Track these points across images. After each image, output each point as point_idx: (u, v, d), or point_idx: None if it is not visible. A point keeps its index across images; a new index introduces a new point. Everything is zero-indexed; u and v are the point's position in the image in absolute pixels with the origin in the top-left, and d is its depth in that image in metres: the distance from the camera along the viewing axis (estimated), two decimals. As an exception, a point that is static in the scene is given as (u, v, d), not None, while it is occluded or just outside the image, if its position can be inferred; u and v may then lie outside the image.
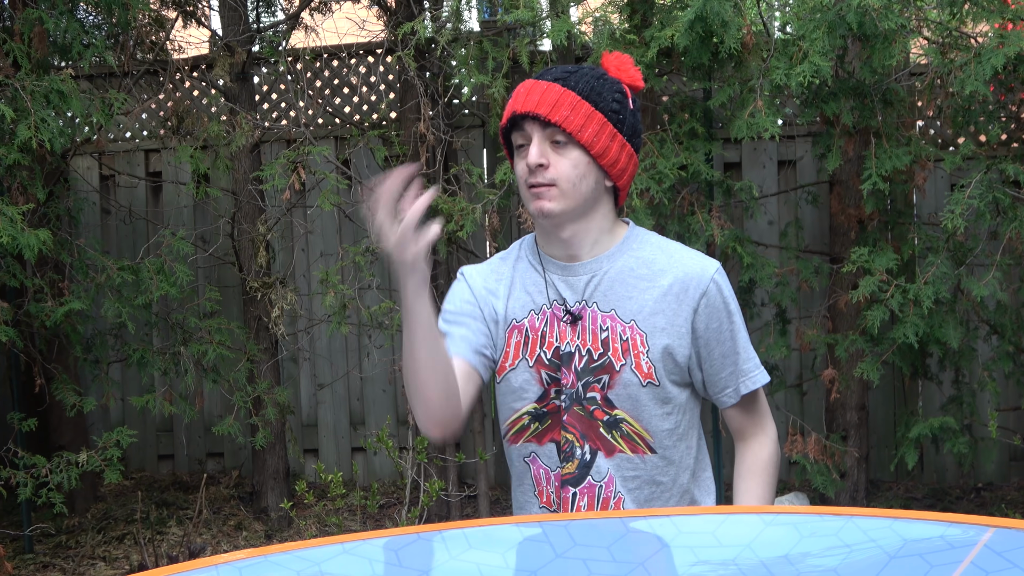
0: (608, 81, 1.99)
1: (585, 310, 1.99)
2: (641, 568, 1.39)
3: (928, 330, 4.29)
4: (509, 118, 1.96)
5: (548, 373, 2.01)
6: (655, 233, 2.09)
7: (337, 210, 5.34)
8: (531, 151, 1.93)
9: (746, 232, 5.20)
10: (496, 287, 2.07)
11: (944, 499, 5.28)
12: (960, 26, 4.27)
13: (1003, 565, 1.30)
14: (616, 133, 1.96)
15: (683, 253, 2.03)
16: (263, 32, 5.43)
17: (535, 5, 4.38)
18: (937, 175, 5.18)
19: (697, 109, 4.70)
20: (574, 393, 1.99)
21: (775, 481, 2.10)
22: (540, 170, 1.93)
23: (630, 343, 1.97)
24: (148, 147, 5.96)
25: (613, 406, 1.98)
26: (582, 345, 1.99)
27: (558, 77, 1.96)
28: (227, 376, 5.13)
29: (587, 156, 1.94)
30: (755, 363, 2.05)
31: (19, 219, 4.19)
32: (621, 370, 1.97)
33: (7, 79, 4.33)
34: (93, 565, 5.00)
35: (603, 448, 1.99)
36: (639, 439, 1.99)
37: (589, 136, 1.93)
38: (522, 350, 2.02)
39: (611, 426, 1.99)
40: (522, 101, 1.95)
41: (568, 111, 1.92)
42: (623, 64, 2.04)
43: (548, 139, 1.93)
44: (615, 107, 1.97)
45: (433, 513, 5.04)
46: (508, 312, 2.04)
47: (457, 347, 2.01)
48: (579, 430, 2.00)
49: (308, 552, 1.48)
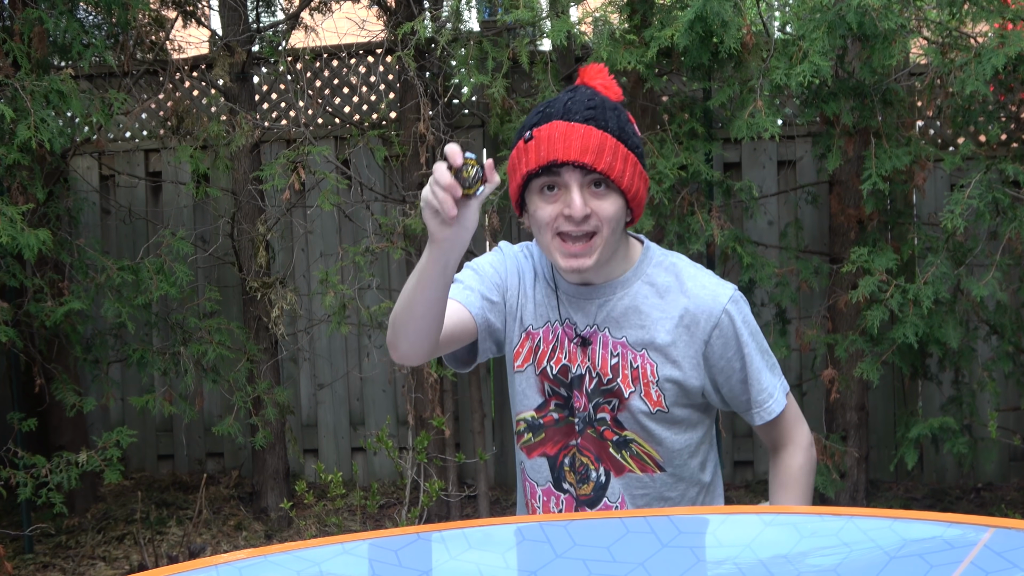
0: (622, 111, 1.92)
1: (596, 334, 1.97)
2: (641, 568, 1.39)
3: (928, 330, 4.29)
4: (546, 164, 1.85)
5: (551, 386, 2.01)
6: (670, 252, 2.03)
7: (337, 210, 5.33)
8: (575, 201, 1.84)
9: (746, 232, 5.20)
10: (520, 281, 2.05)
11: (944, 499, 5.28)
12: (960, 26, 4.27)
13: (1003, 565, 1.30)
14: (642, 170, 1.91)
15: (697, 280, 1.97)
16: (263, 32, 5.43)
17: (535, 5, 4.38)
18: (937, 175, 5.18)
19: (697, 109, 4.70)
20: (587, 416, 1.99)
21: (810, 486, 2.07)
22: (584, 219, 1.85)
23: (640, 371, 1.95)
24: (148, 147, 5.95)
25: (623, 427, 1.98)
26: (592, 368, 1.97)
27: (588, 117, 1.87)
28: (227, 376, 5.13)
29: (623, 199, 1.88)
30: (769, 392, 2.00)
31: (19, 219, 4.19)
32: (630, 397, 1.96)
33: (7, 79, 4.33)
34: (93, 565, 5.00)
35: (613, 468, 2.00)
36: (648, 459, 1.99)
37: (628, 180, 1.87)
38: (532, 356, 2.02)
39: (621, 446, 1.98)
40: (561, 147, 1.84)
41: (611, 157, 1.85)
42: (607, 79, 1.97)
43: (587, 185, 1.85)
44: (636, 140, 1.91)
45: (433, 513, 5.04)
46: (523, 316, 2.03)
47: (466, 297, 1.99)
48: (593, 452, 2.00)
49: (308, 552, 1.48)
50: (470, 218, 1.71)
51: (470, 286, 2.02)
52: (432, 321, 1.86)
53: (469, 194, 1.68)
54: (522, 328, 2.03)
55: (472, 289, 2.01)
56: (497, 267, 2.06)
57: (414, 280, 1.82)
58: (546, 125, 1.87)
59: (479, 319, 2.00)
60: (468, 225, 1.72)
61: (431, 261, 1.76)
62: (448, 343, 1.96)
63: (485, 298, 2.01)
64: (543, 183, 1.87)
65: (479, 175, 1.67)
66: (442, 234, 1.71)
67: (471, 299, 2.00)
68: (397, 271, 5.64)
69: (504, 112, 4.64)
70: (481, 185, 1.68)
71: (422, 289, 1.80)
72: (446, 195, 1.65)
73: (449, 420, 5.11)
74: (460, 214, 1.69)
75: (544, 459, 2.04)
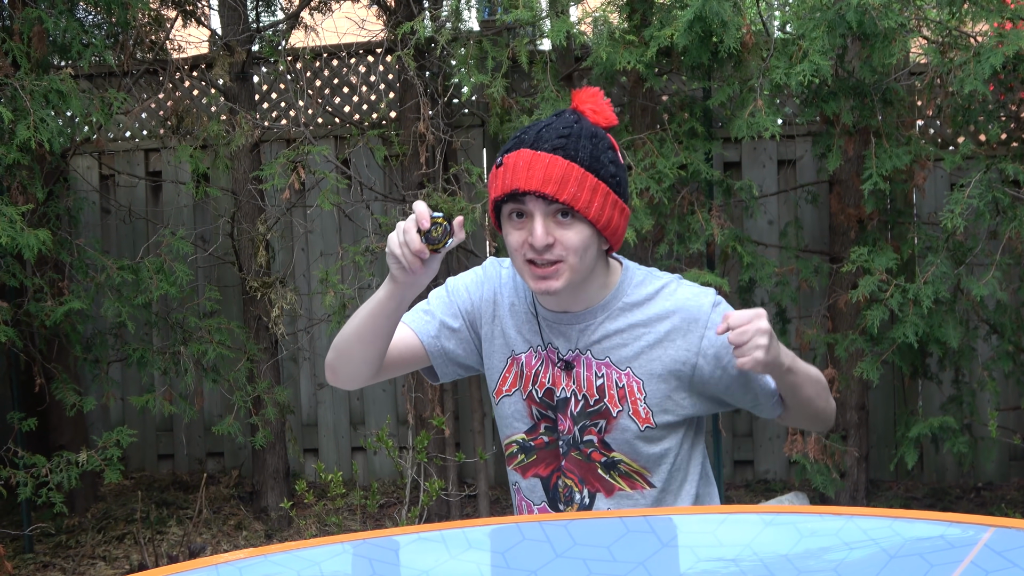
0: (600, 139, 1.88)
1: (579, 357, 1.96)
2: (641, 568, 1.39)
3: (928, 330, 4.29)
4: (509, 192, 1.84)
5: (538, 409, 2.01)
6: (649, 270, 2.01)
7: (337, 210, 5.33)
8: (536, 231, 1.83)
9: (746, 231, 5.20)
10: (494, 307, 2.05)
11: (944, 499, 5.28)
12: (959, 25, 4.27)
13: (1003, 564, 1.30)
14: (616, 200, 1.87)
15: (678, 293, 1.95)
16: (263, 31, 5.43)
17: (534, 5, 4.38)
18: (937, 174, 5.18)
19: (697, 108, 4.70)
20: (571, 439, 1.98)
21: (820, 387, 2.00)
22: (546, 248, 1.84)
23: (626, 390, 1.94)
24: (148, 147, 5.95)
25: (610, 448, 1.96)
26: (577, 391, 1.96)
27: (557, 146, 1.83)
28: (227, 376, 5.13)
29: (592, 229, 1.85)
30: (769, 393, 1.98)
31: (19, 219, 4.19)
32: (618, 416, 1.94)
33: (6, 79, 4.33)
34: (93, 565, 5.00)
35: (602, 489, 1.99)
36: (638, 476, 1.98)
37: (596, 211, 1.84)
38: (518, 380, 2.02)
39: (609, 467, 1.98)
40: (524, 177, 1.82)
41: (575, 188, 1.82)
42: (598, 103, 1.91)
43: (552, 215, 1.84)
44: (612, 170, 1.87)
45: (433, 513, 5.04)
46: (506, 341, 2.03)
47: (421, 324, 2.05)
48: (577, 475, 1.99)
49: (308, 552, 1.48)
50: (432, 267, 1.84)
51: (431, 311, 2.06)
52: (376, 350, 1.95)
53: (438, 250, 1.80)
54: (507, 353, 2.02)
55: (431, 315, 2.06)
56: (472, 291, 2.06)
57: (366, 309, 1.91)
58: (514, 152, 1.86)
59: (430, 346, 2.05)
60: (429, 273, 1.85)
61: (388, 296, 1.88)
62: (392, 367, 2.02)
63: (444, 325, 2.05)
64: (511, 210, 1.87)
65: (447, 230, 1.79)
66: (403, 278, 1.84)
67: (426, 327, 2.05)
68: (397, 271, 5.63)
69: (504, 112, 4.64)
70: (449, 238, 1.80)
71: (373, 318, 1.91)
72: (413, 258, 1.80)
73: (449, 419, 5.11)
74: (424, 265, 1.82)
75: (538, 480, 2.03)
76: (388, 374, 2.04)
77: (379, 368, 1.99)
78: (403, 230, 1.79)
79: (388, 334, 1.94)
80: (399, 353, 2.01)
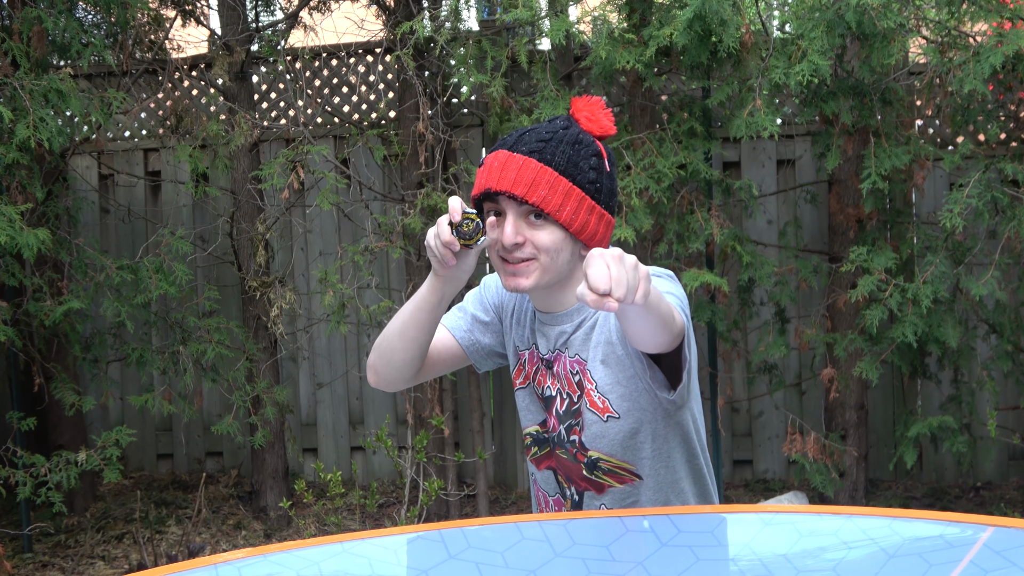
0: (584, 146, 1.89)
1: (559, 356, 1.99)
2: (641, 568, 1.39)
3: (927, 329, 4.29)
4: (483, 191, 1.88)
5: (542, 404, 2.06)
6: None
7: (336, 209, 5.33)
8: (506, 230, 1.86)
9: (745, 231, 5.20)
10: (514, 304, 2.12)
11: (943, 498, 5.28)
12: (959, 25, 4.27)
13: (1002, 564, 1.30)
14: (594, 206, 1.88)
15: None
16: (262, 31, 5.42)
17: (534, 4, 4.38)
18: (936, 174, 5.18)
19: (696, 108, 4.70)
20: (556, 437, 2.01)
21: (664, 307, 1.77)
22: (516, 247, 1.87)
23: (584, 380, 1.95)
24: (147, 146, 5.95)
25: (587, 448, 1.97)
26: (562, 389, 2.00)
27: (533, 149, 1.86)
28: (226, 375, 5.13)
29: (564, 232, 1.87)
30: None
31: (18, 218, 4.19)
32: (583, 411, 1.95)
33: (6, 78, 4.32)
34: (92, 564, 5.00)
35: (593, 488, 2.00)
36: (623, 471, 1.97)
37: (568, 215, 1.85)
38: (531, 376, 2.07)
39: (591, 468, 1.98)
40: (496, 177, 1.86)
41: (546, 191, 1.84)
42: (594, 112, 1.93)
43: (524, 215, 1.87)
44: (592, 176, 1.88)
45: (432, 512, 5.04)
46: (514, 338, 2.09)
47: (454, 320, 2.12)
48: (564, 473, 2.03)
49: (307, 551, 1.48)
50: (468, 263, 1.89)
51: (464, 307, 2.14)
52: (418, 347, 1.99)
53: (469, 245, 1.84)
54: (516, 348, 2.09)
55: (464, 311, 2.13)
56: (499, 286, 2.13)
57: (409, 306, 1.96)
58: (494, 153, 1.91)
59: (463, 340, 2.11)
60: (466, 268, 1.89)
61: (429, 290, 1.93)
62: (432, 366, 2.08)
63: (476, 319, 2.12)
64: (488, 208, 1.91)
65: (479, 228, 1.84)
66: (441, 271, 1.90)
67: (458, 323, 2.12)
68: (396, 270, 5.64)
69: (503, 111, 4.64)
70: (481, 236, 1.84)
71: (415, 312, 1.95)
72: (445, 250, 1.83)
73: (448, 419, 5.11)
74: (459, 260, 1.87)
75: (551, 472, 2.06)
76: (428, 374, 2.08)
77: (420, 368, 2.03)
78: (438, 222, 1.84)
79: (429, 329, 1.97)
80: (437, 352, 2.07)
